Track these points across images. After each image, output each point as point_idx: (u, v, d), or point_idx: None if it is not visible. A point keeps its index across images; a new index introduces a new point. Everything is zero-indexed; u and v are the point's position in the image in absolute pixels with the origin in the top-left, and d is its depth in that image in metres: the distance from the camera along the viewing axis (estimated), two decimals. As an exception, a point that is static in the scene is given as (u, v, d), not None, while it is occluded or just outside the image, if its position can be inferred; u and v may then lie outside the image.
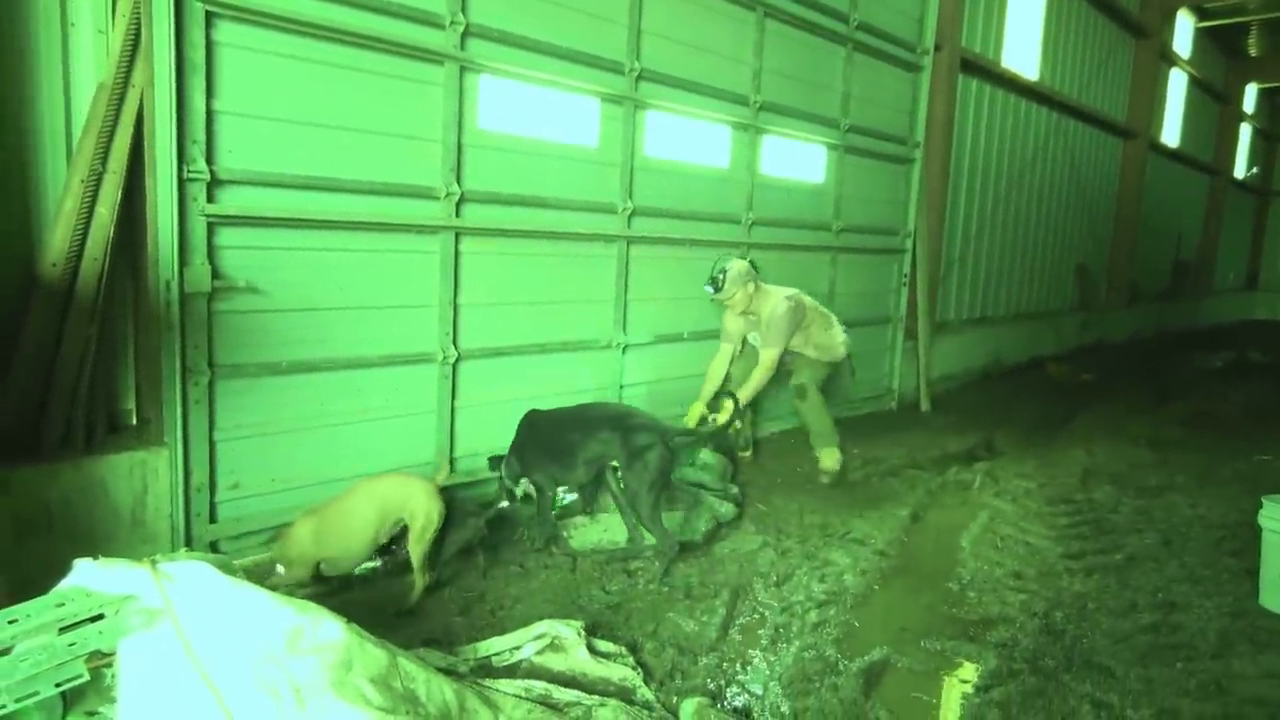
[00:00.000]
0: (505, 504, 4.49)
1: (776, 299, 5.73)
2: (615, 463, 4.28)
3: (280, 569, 3.63)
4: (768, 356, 5.69)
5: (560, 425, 4.35)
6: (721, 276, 5.61)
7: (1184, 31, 16.30)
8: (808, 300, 5.93)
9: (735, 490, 5.24)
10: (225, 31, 3.61)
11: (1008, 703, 3.05)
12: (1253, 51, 19.38)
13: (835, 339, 5.98)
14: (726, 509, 4.92)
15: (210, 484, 3.78)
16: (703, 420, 5.61)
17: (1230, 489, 5.98)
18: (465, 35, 4.44)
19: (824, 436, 5.90)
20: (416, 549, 3.65)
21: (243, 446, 3.88)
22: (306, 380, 4.06)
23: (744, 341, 6.02)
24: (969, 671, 3.30)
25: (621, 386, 5.63)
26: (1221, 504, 5.60)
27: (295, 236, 3.94)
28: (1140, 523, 5.18)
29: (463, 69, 4.46)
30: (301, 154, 3.92)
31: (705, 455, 5.39)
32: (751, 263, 5.89)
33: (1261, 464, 6.89)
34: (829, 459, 5.87)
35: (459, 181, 4.52)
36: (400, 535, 3.74)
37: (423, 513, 3.64)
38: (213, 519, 3.81)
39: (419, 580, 3.66)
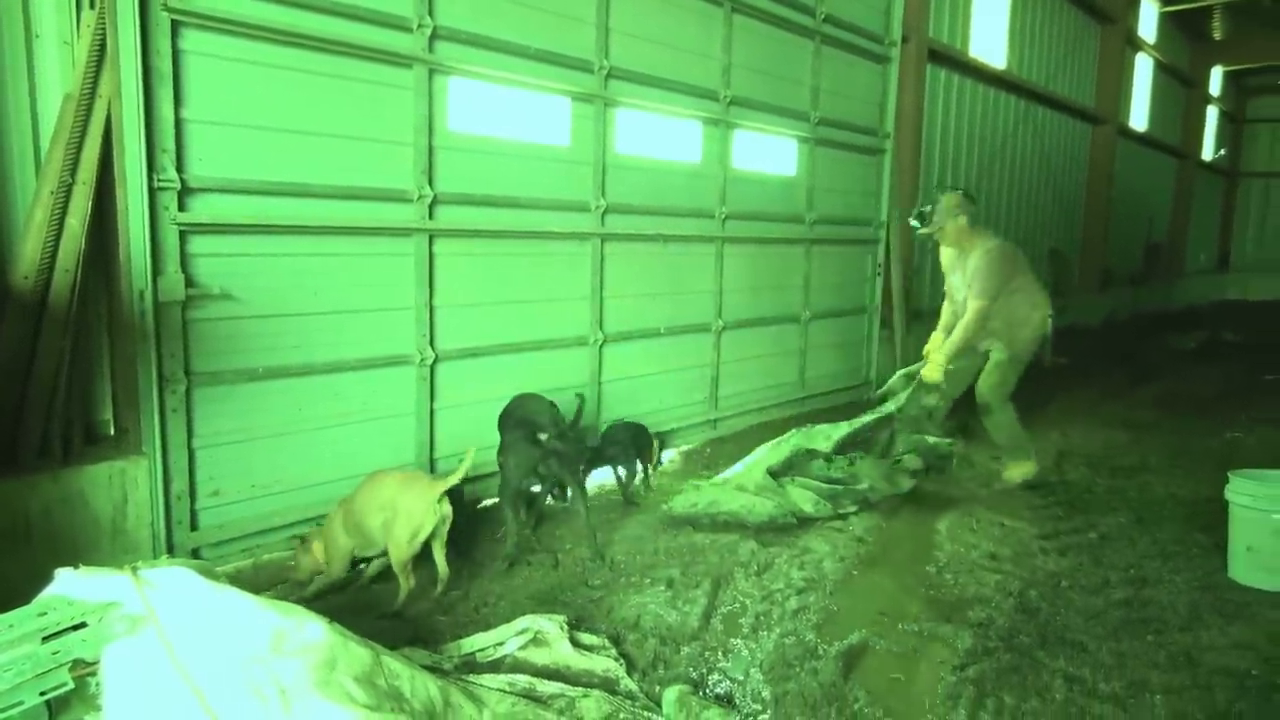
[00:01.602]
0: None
1: (988, 241, 5.37)
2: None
3: (305, 576, 3.79)
4: (973, 309, 5.27)
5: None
6: (930, 209, 5.36)
7: (1149, 17, 16.50)
8: (1021, 258, 5.51)
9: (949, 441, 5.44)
10: (192, 40, 3.62)
11: (983, 680, 3.12)
12: (1217, 35, 19.63)
13: (1034, 318, 5.45)
14: (944, 446, 5.26)
15: (190, 491, 3.79)
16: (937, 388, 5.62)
17: (1202, 466, 6.09)
18: (433, 38, 4.46)
19: (1014, 451, 5.70)
20: (395, 549, 3.64)
21: (222, 453, 3.89)
22: (284, 385, 4.07)
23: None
24: (946, 651, 3.36)
25: (600, 383, 5.67)
26: (1193, 481, 5.70)
27: (269, 242, 3.95)
28: (1114, 502, 5.28)
29: (432, 71, 4.48)
30: (273, 160, 3.94)
31: (929, 399, 5.49)
32: (966, 192, 5.49)
33: (1233, 440, 7.02)
34: (1015, 471, 5.66)
35: (431, 184, 4.54)
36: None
37: (403, 515, 3.61)
38: (194, 526, 3.82)
39: (403, 583, 3.67)
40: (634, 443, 5.33)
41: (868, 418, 5.52)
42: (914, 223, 5.51)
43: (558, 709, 2.81)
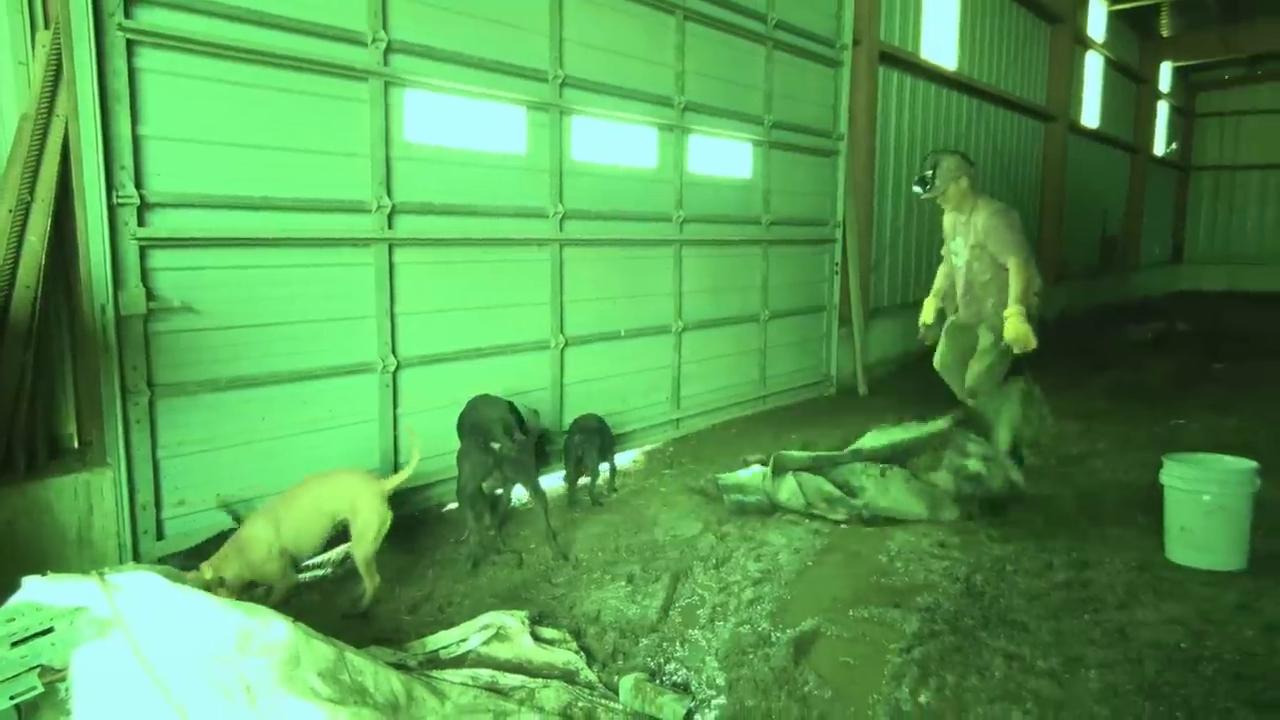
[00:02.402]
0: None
1: (991, 203, 5.46)
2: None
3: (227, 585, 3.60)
4: (1018, 268, 5.30)
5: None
6: (931, 174, 5.42)
7: (1097, 15, 16.87)
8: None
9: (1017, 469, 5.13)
10: (147, 58, 3.69)
11: (927, 660, 3.26)
12: (1164, 32, 20.09)
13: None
14: (1017, 475, 5.03)
15: (156, 501, 3.86)
16: (932, 323, 5.78)
17: (1147, 453, 6.28)
18: (388, 51, 4.55)
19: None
20: (359, 550, 3.72)
21: (187, 463, 3.96)
22: (248, 395, 4.15)
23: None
24: (893, 635, 3.51)
25: (562, 385, 5.77)
26: (1138, 468, 5.90)
27: (230, 255, 4.03)
28: (1060, 489, 5.46)
29: (387, 84, 4.57)
30: (231, 174, 4.01)
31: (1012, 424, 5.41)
32: (964, 156, 5.61)
33: (1177, 428, 7.26)
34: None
35: (390, 194, 4.63)
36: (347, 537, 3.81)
37: (364, 514, 3.70)
38: (160, 536, 3.88)
39: (369, 582, 3.76)
40: (600, 436, 5.40)
41: (935, 426, 5.40)
42: (916, 188, 5.62)
43: (518, 699, 2.91)
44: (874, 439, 5.48)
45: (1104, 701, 3.00)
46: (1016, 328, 5.32)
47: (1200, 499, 4.16)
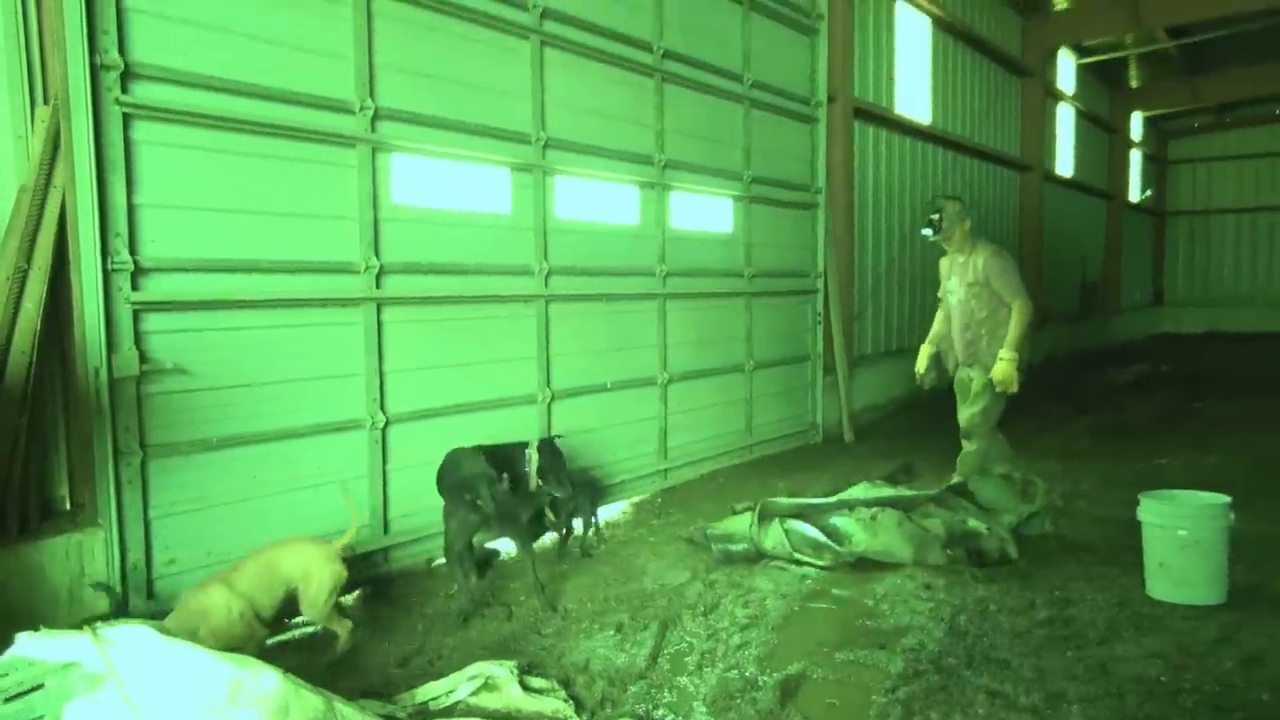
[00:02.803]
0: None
1: (988, 244, 5.73)
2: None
3: None
4: (1020, 307, 5.55)
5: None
6: (939, 217, 5.68)
7: (1067, 69, 17.39)
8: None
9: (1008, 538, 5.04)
10: (143, 130, 3.84)
11: (911, 700, 3.31)
12: (1133, 83, 20.69)
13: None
14: (1013, 549, 4.96)
15: (146, 561, 3.90)
16: (927, 368, 5.98)
17: (1129, 491, 6.31)
18: (375, 119, 4.72)
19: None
20: (314, 611, 3.79)
21: (178, 523, 4.01)
22: (238, 454, 4.21)
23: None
24: (879, 676, 3.55)
25: (551, 439, 5.83)
26: (1120, 506, 5.95)
27: (221, 317, 4.13)
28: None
29: (375, 150, 4.73)
30: (223, 239, 4.13)
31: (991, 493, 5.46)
32: (960, 199, 5.90)
33: (1159, 466, 7.36)
34: None
35: (378, 255, 4.75)
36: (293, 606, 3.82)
37: (315, 579, 3.75)
38: (150, 595, 3.91)
39: (340, 630, 3.85)
40: (590, 489, 5.49)
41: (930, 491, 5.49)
42: (926, 231, 5.85)
43: (507, 748, 2.94)
44: (863, 492, 5.56)
45: (1085, 735, 3.04)
46: (1005, 370, 5.54)
47: (1176, 534, 4.24)
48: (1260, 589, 4.39)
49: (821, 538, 4.95)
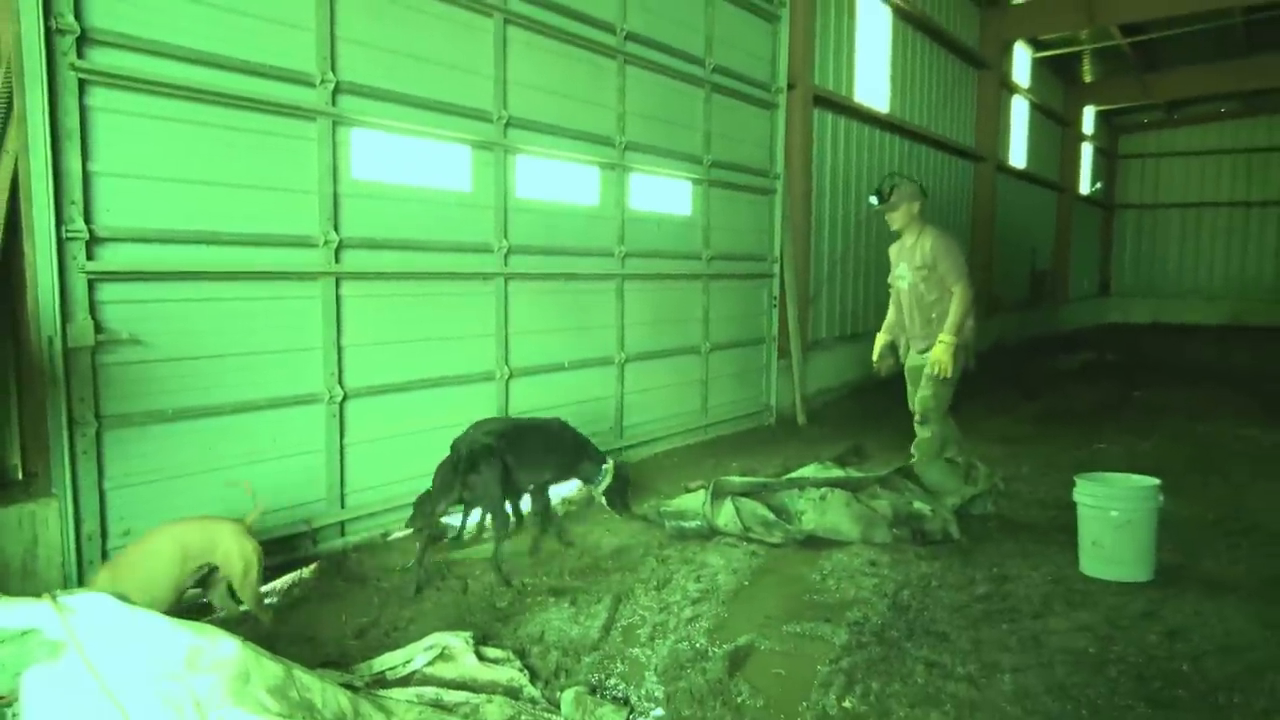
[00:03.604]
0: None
1: (935, 232, 5.78)
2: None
3: None
4: (960, 291, 5.61)
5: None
6: (889, 189, 5.72)
7: (1022, 62, 17.68)
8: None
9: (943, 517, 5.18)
10: (99, 97, 3.79)
11: (854, 669, 3.44)
12: (1087, 78, 21.10)
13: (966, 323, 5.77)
14: (955, 530, 5.10)
15: (102, 532, 3.89)
16: (881, 355, 6.08)
17: (1068, 474, 6.51)
18: (336, 92, 4.70)
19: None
20: (245, 594, 3.70)
21: (134, 494, 4.00)
22: (195, 426, 4.21)
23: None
24: (824, 648, 3.68)
25: (509, 415, 5.89)
26: (1058, 488, 6.19)
27: (178, 288, 4.11)
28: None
29: (335, 124, 4.71)
30: (181, 209, 4.11)
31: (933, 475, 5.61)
32: (918, 183, 5.93)
33: (1098, 451, 7.63)
34: None
35: (337, 229, 4.75)
36: (210, 584, 3.75)
37: (238, 555, 3.63)
38: (105, 566, 3.90)
39: (264, 616, 3.79)
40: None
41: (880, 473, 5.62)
42: (872, 199, 5.88)
43: (462, 714, 3.02)
44: (814, 473, 5.70)
45: (1016, 702, 3.20)
46: (941, 354, 5.62)
47: (1109, 515, 4.43)
48: (1186, 568, 4.61)
49: (772, 516, 5.08)
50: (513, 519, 5.11)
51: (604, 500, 5.43)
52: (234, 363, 4.36)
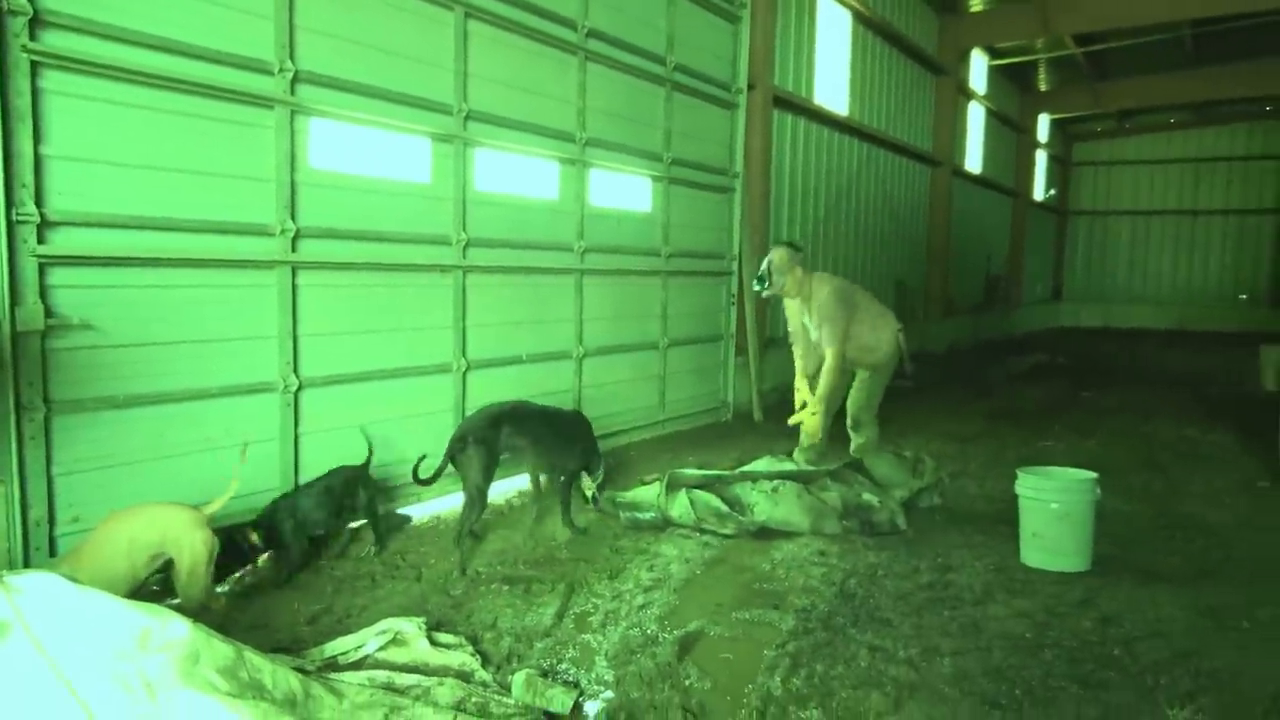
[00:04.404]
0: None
1: (823, 287, 5.88)
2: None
3: None
4: (828, 359, 5.77)
5: None
6: (767, 271, 5.84)
7: (979, 68, 18.01)
8: (860, 292, 6.10)
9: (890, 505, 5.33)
10: (52, 80, 3.76)
11: (800, 653, 3.53)
12: (1042, 86, 21.55)
13: (882, 338, 6.06)
14: (902, 520, 5.24)
15: (49, 518, 3.86)
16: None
17: (1013, 470, 6.72)
18: (295, 81, 4.70)
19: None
20: (193, 586, 3.56)
21: (83, 480, 3.97)
22: (147, 413, 4.18)
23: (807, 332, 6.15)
24: (771, 633, 3.77)
25: (464, 408, 5.91)
26: (1004, 482, 6.29)
27: (131, 274, 4.08)
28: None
29: (294, 112, 4.71)
30: (135, 195, 4.08)
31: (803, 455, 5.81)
32: (791, 244, 6.06)
33: (1044, 448, 7.83)
34: None
35: (294, 218, 4.74)
36: (165, 569, 3.63)
37: (186, 546, 3.53)
38: (53, 552, 3.87)
39: (215, 605, 3.71)
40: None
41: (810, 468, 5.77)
42: (756, 286, 6.03)
43: (414, 696, 3.05)
44: (766, 466, 5.81)
45: (954, 684, 3.31)
46: (810, 422, 5.95)
47: (1049, 507, 4.57)
48: (1121, 558, 4.77)
49: (725, 508, 5.16)
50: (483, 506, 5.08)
51: (596, 492, 5.52)
52: (187, 350, 4.34)
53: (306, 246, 4.85)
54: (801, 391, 6.20)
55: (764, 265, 5.95)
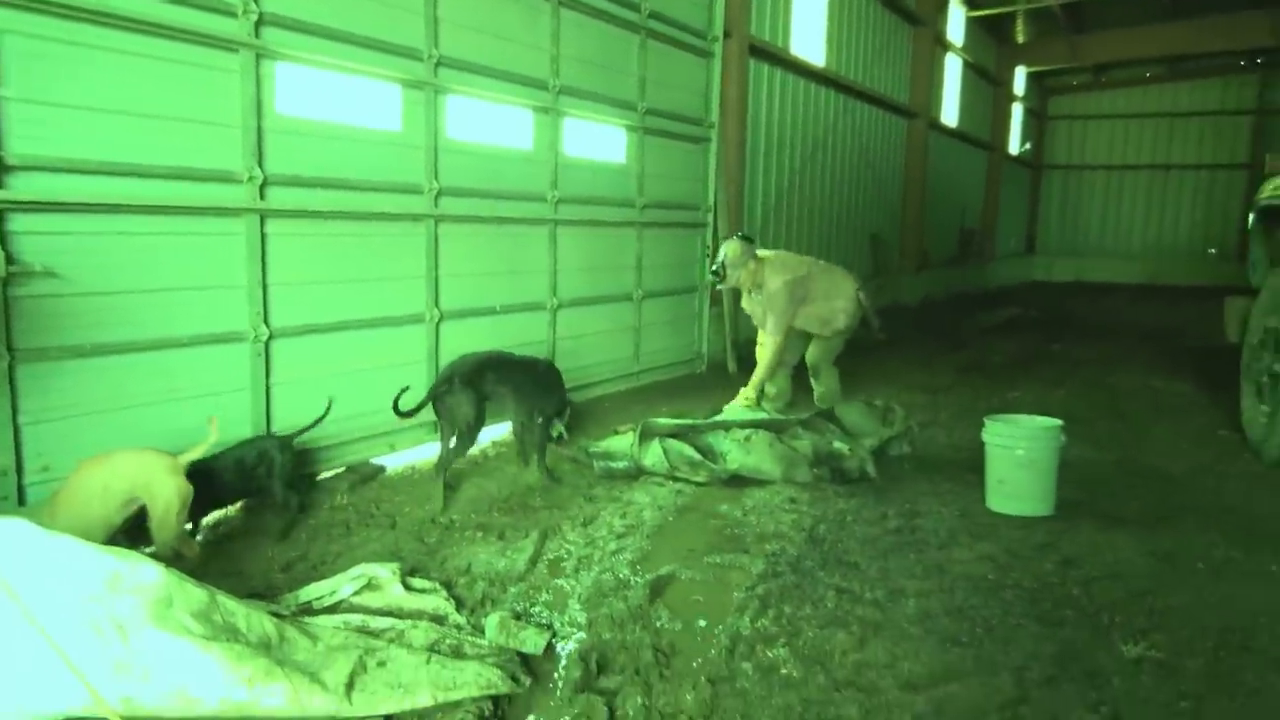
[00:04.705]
0: None
1: (774, 278, 6.09)
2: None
3: None
4: (770, 344, 6.09)
5: None
6: (722, 266, 6.03)
7: (956, 19, 17.90)
8: (812, 269, 6.28)
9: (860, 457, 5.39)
10: (7, 19, 3.66)
11: (768, 595, 3.60)
12: (1019, 38, 21.47)
13: (835, 307, 6.27)
14: (871, 468, 5.31)
15: (17, 467, 3.83)
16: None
17: (982, 419, 6.89)
18: (259, 23, 4.59)
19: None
20: (163, 532, 3.58)
21: (50, 429, 3.94)
22: (114, 361, 4.14)
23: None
24: (741, 576, 3.83)
25: (438, 359, 5.90)
26: (973, 432, 6.33)
27: (95, 221, 4.02)
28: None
29: (259, 56, 4.61)
30: (98, 139, 4.00)
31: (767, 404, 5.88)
32: (743, 236, 6.24)
33: (1012, 399, 7.95)
34: None
35: (261, 165, 4.67)
36: (140, 517, 3.62)
37: (160, 493, 3.55)
38: (21, 502, 3.85)
39: (188, 552, 3.71)
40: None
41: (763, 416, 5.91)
42: (712, 279, 6.22)
43: (388, 638, 3.09)
44: (738, 414, 5.87)
45: (918, 623, 3.40)
46: (748, 400, 6.17)
47: (1015, 453, 4.66)
48: (1084, 504, 4.88)
49: (698, 456, 5.22)
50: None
51: (563, 433, 5.81)
52: (155, 299, 4.29)
53: (275, 194, 4.78)
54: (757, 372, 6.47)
55: (719, 259, 6.15)
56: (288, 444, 4.51)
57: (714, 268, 6.15)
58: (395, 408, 4.66)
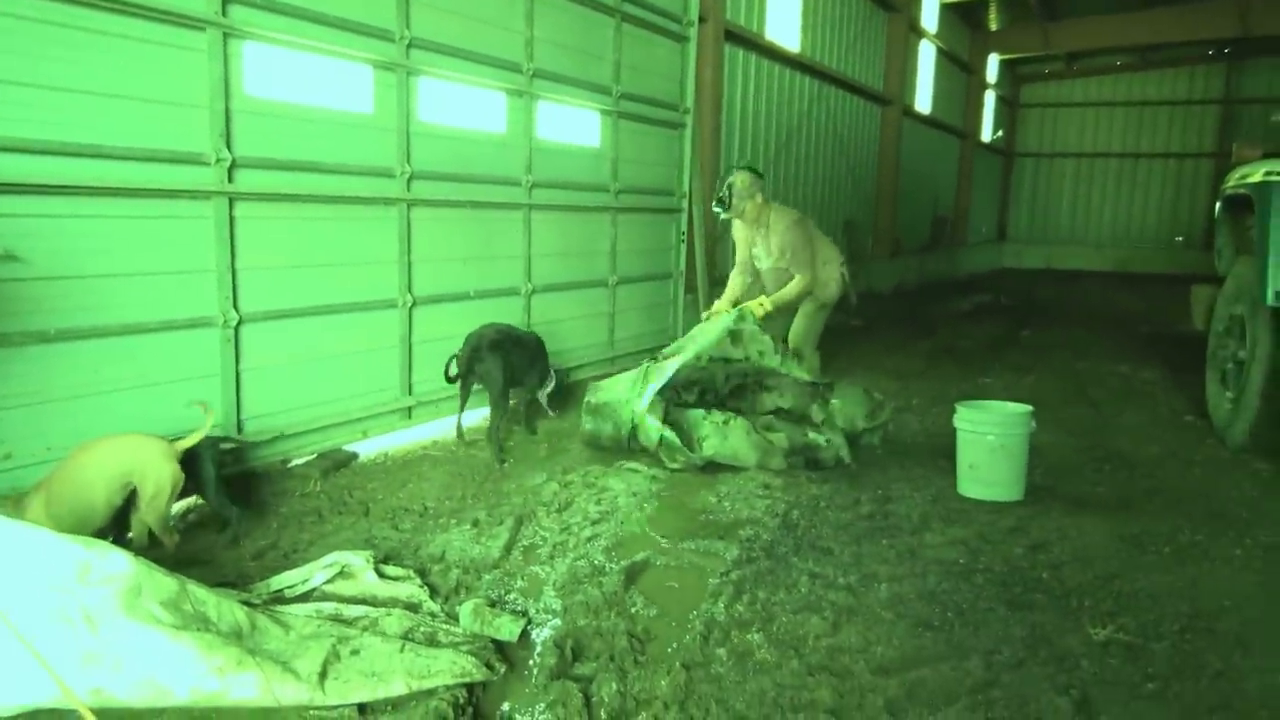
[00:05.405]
0: None
1: (785, 215, 6.04)
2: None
3: None
4: (800, 281, 5.97)
5: None
6: (728, 194, 5.95)
7: (930, 6, 17.93)
8: (812, 229, 6.24)
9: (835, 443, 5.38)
10: (-36, -5, 3.56)
11: (743, 581, 3.62)
12: (993, 26, 21.58)
13: (829, 274, 6.24)
14: (847, 454, 5.34)
15: (-20, 454, 3.76)
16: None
17: (953, 405, 6.95)
18: (227, 1, 4.50)
19: None
20: (152, 515, 3.61)
21: (13, 416, 3.86)
22: (80, 347, 4.06)
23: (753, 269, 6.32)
24: (716, 562, 3.85)
25: (411, 344, 5.85)
26: (944, 418, 6.46)
27: (58, 204, 3.93)
28: (874, 437, 5.99)
29: (226, 35, 4.51)
30: (59, 119, 3.90)
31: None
32: (753, 169, 6.13)
33: (983, 385, 8.03)
34: None
35: (230, 147, 4.59)
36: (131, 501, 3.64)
37: (151, 477, 3.57)
38: (-15, 489, 3.78)
39: (167, 541, 3.71)
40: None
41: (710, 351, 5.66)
42: (716, 209, 6.08)
43: (361, 627, 3.07)
44: (751, 321, 5.73)
45: (890, 608, 3.43)
46: (754, 307, 5.88)
47: (986, 439, 4.71)
48: (1053, 489, 4.95)
49: (676, 441, 5.21)
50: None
51: (544, 400, 6.35)
52: (121, 283, 4.21)
53: (244, 177, 4.70)
54: (719, 307, 6.23)
55: (724, 187, 6.02)
56: (215, 449, 4.06)
57: (719, 194, 6.06)
58: (446, 374, 5.50)
